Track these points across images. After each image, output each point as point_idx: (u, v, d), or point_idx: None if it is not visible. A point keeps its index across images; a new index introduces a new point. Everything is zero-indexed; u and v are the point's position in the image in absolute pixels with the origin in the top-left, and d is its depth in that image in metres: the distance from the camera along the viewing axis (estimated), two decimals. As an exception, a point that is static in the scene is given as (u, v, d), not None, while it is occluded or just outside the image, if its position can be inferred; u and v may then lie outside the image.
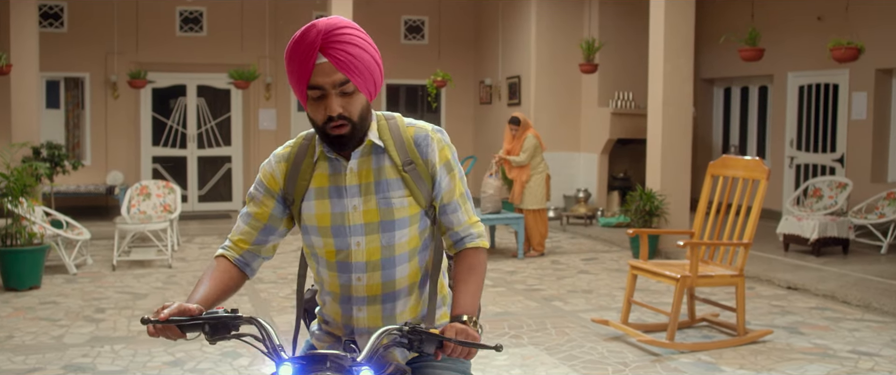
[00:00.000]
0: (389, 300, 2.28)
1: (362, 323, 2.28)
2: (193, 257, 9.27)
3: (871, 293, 7.09)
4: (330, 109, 2.10)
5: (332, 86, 2.10)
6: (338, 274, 2.27)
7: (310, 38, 2.08)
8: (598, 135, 12.52)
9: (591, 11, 12.53)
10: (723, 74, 12.99)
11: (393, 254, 2.24)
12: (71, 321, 6.29)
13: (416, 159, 2.23)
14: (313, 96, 2.12)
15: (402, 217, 2.22)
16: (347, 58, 2.10)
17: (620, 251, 9.86)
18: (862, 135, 10.58)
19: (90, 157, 13.00)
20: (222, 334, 2.03)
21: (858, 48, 8.55)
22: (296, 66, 2.11)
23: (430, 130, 2.27)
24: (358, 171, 2.22)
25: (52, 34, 12.55)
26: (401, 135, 2.25)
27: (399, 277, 2.27)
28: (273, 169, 2.30)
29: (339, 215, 2.22)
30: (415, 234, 2.26)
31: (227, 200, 13.78)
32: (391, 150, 2.23)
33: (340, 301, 2.29)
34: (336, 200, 2.22)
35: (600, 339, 5.81)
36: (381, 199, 2.21)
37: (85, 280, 7.91)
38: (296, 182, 2.25)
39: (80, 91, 12.99)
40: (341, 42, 2.10)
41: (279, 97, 13.71)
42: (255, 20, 13.37)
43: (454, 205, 2.29)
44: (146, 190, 9.66)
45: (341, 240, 2.23)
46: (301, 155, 2.28)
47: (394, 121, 2.28)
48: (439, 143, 2.27)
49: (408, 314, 2.30)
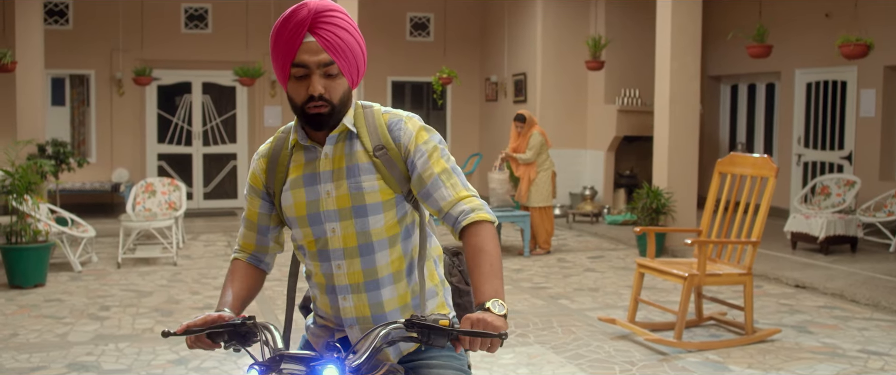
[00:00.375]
0: (373, 288, 2.24)
1: (350, 313, 2.26)
2: (198, 254, 9.26)
3: (880, 292, 7.03)
4: (312, 88, 2.10)
5: (316, 65, 2.10)
6: (320, 264, 2.26)
7: (300, 16, 2.08)
8: (605, 133, 12.47)
9: (597, 8, 12.47)
10: (730, 71, 12.93)
11: (370, 240, 2.21)
12: (75, 319, 6.27)
13: (389, 144, 2.21)
14: (296, 74, 2.12)
15: (374, 202, 2.20)
16: (335, 39, 2.10)
17: (627, 249, 9.82)
18: (870, 133, 10.51)
19: (95, 155, 12.99)
20: (242, 343, 2.02)
21: (867, 45, 8.48)
22: (282, 43, 2.11)
23: (404, 115, 2.25)
24: (332, 157, 2.21)
25: (58, 31, 12.54)
26: (374, 121, 2.24)
27: (380, 264, 2.23)
28: (255, 166, 2.32)
29: (313, 202, 2.21)
30: (392, 221, 2.23)
31: (233, 197, 13.76)
32: (363, 136, 2.21)
33: (326, 291, 2.28)
34: (310, 187, 2.22)
35: (607, 338, 5.77)
36: (352, 184, 2.19)
37: (90, 277, 7.90)
38: (275, 174, 2.27)
39: (86, 88, 12.98)
40: (330, 23, 2.11)
41: (284, 94, 13.63)
42: (260, 17, 13.34)
43: (435, 183, 2.17)
44: (151, 187, 9.65)
45: (318, 228, 2.22)
46: (278, 147, 2.29)
47: (370, 109, 2.27)
48: (413, 126, 2.23)
49: (396, 302, 2.26)
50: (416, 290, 2.29)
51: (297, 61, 2.10)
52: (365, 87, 13.89)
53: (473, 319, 1.89)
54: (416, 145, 2.20)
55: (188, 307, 6.69)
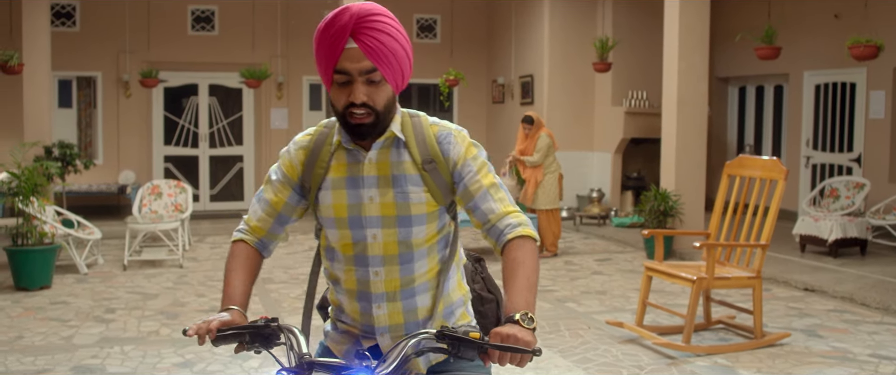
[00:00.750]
0: (409, 296, 2.22)
1: (383, 321, 2.22)
2: (205, 257, 9.24)
3: (890, 295, 6.97)
4: (354, 96, 2.05)
5: (358, 72, 2.05)
6: (354, 269, 2.21)
7: (342, 22, 2.04)
8: (612, 135, 12.42)
9: (604, 9, 12.43)
10: (738, 73, 12.87)
11: (411, 250, 2.18)
12: (81, 321, 6.25)
13: (437, 157, 2.17)
14: (338, 81, 2.08)
15: (419, 213, 2.16)
16: (377, 45, 2.05)
17: (634, 251, 9.77)
18: (880, 135, 10.44)
19: (102, 157, 13.00)
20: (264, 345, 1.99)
21: (878, 46, 8.42)
22: (324, 49, 2.06)
23: (453, 129, 2.21)
24: (376, 163, 2.17)
25: (65, 33, 12.55)
26: (423, 133, 2.19)
27: (418, 273, 2.21)
28: (292, 155, 2.25)
29: (355, 206, 2.17)
30: (433, 231, 2.21)
31: (239, 199, 13.75)
32: (412, 147, 2.17)
33: (357, 297, 2.23)
34: (352, 191, 2.17)
35: (615, 341, 5.73)
36: (398, 193, 2.15)
37: (96, 279, 7.89)
38: (313, 170, 2.21)
39: (93, 90, 12.99)
40: (373, 28, 2.06)
41: (291, 96, 13.67)
42: (267, 19, 13.34)
43: (483, 195, 2.16)
44: (158, 189, 9.64)
45: (358, 232, 2.18)
46: (320, 143, 2.23)
47: (418, 119, 2.23)
48: (462, 140, 2.20)
49: (429, 310, 2.23)
50: (448, 299, 2.27)
51: (338, 68, 2.06)
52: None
53: (504, 334, 1.84)
54: (465, 159, 2.17)
55: (194, 309, 6.67)
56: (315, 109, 13.96)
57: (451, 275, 2.28)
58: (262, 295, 7.19)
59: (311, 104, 13.94)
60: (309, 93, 13.88)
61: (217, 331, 1.95)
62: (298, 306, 6.78)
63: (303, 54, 13.52)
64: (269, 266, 8.65)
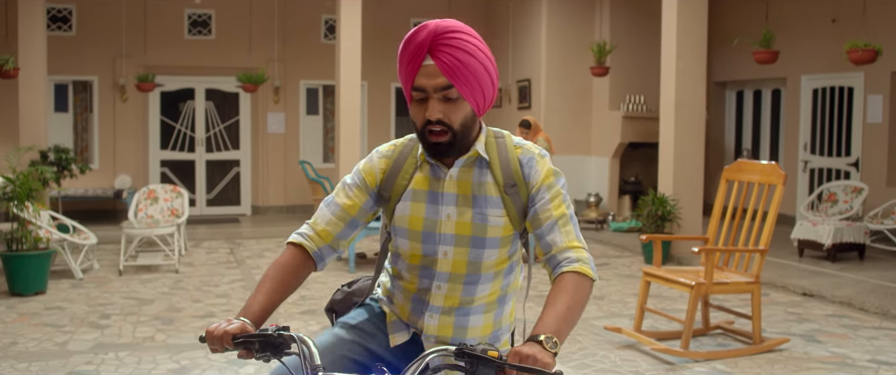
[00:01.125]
0: (464, 314, 2.23)
1: (431, 330, 2.24)
2: (201, 262, 9.20)
3: (889, 300, 6.95)
4: (429, 112, 2.06)
5: (433, 89, 2.05)
6: (418, 278, 2.23)
7: (419, 39, 2.05)
8: (610, 139, 12.40)
9: (602, 14, 12.42)
10: (735, 77, 12.86)
11: (478, 271, 2.19)
12: (75, 327, 6.21)
13: (519, 181, 2.17)
14: (416, 97, 2.09)
15: (494, 236, 2.17)
16: (454, 62, 2.04)
17: (632, 256, 9.74)
18: (877, 139, 10.43)
19: (98, 161, 12.95)
20: (274, 354, 1.96)
21: (876, 50, 8.41)
22: (404, 65, 2.09)
23: (536, 153, 2.21)
24: (458, 180, 2.17)
25: (61, 37, 12.51)
26: (507, 155, 2.20)
27: (479, 295, 2.22)
28: (374, 164, 2.27)
29: (431, 221, 2.17)
30: (504, 256, 2.22)
31: (236, 204, 13.71)
32: (495, 168, 2.17)
33: (413, 300, 2.25)
34: (431, 206, 2.18)
35: (613, 347, 5.70)
36: (476, 214, 2.16)
37: (91, 285, 7.84)
38: (395, 181, 2.22)
39: (89, 94, 12.95)
40: (450, 46, 2.05)
41: (288, 101, 13.64)
42: (264, 23, 13.31)
43: (550, 226, 2.13)
44: (154, 194, 9.60)
45: (430, 247, 2.18)
46: (405, 155, 2.25)
47: (503, 140, 2.23)
48: (544, 166, 2.19)
49: (479, 331, 2.25)
50: (499, 324, 2.29)
51: (415, 85, 2.07)
52: (369, 94, 13.85)
53: (523, 353, 1.80)
54: (542, 185, 2.17)
55: (189, 315, 6.63)
56: (312, 114, 13.92)
57: (508, 301, 2.30)
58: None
59: (308, 109, 13.90)
60: (306, 97, 13.84)
61: (233, 338, 1.95)
62: (294, 311, 6.74)
63: (300, 58, 13.50)
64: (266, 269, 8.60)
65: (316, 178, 12.39)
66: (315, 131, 13.97)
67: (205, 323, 6.32)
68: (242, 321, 2.02)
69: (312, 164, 13.03)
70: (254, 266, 8.95)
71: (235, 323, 1.99)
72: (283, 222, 12.55)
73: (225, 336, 1.95)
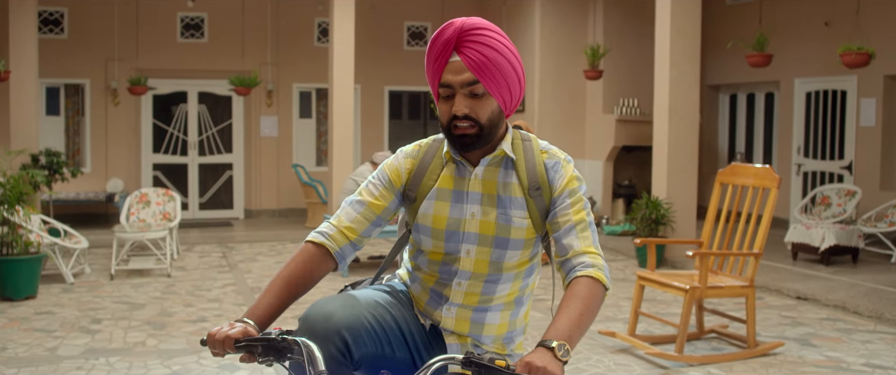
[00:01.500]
0: (482, 311, 2.23)
1: (448, 324, 2.24)
2: (193, 266, 9.15)
3: (883, 303, 6.94)
4: (456, 108, 2.08)
5: (460, 85, 2.07)
6: (438, 274, 2.23)
7: (446, 35, 2.07)
8: (603, 142, 12.39)
9: (595, 17, 12.41)
10: (728, 80, 12.86)
11: (500, 271, 2.20)
12: (66, 332, 6.16)
13: (544, 184, 2.18)
14: (443, 94, 2.11)
15: (517, 238, 2.17)
16: (480, 58, 2.06)
17: (626, 259, 9.73)
18: (871, 142, 10.44)
19: (90, 165, 12.89)
20: (278, 358, 1.93)
21: (869, 53, 8.42)
22: (431, 62, 2.11)
23: (562, 158, 2.22)
24: (483, 179, 2.18)
25: (53, 40, 12.46)
26: (533, 158, 2.21)
27: (498, 294, 2.22)
28: (400, 163, 2.27)
29: (455, 220, 2.18)
30: (526, 258, 2.23)
31: (229, 208, 13.66)
32: (521, 170, 2.19)
33: (431, 293, 2.25)
34: (455, 204, 2.19)
35: (607, 351, 5.68)
36: (501, 214, 2.16)
37: (82, 289, 7.79)
38: (422, 180, 2.23)
39: (81, 97, 12.89)
40: (476, 42, 2.07)
41: (281, 104, 13.60)
42: (257, 26, 13.27)
43: (568, 229, 2.15)
44: (146, 197, 9.55)
45: (453, 245, 2.18)
46: (430, 154, 2.26)
47: (529, 143, 2.24)
48: (568, 171, 2.21)
49: (495, 329, 2.25)
50: (514, 325, 2.29)
51: (442, 81, 2.09)
52: (363, 97, 13.82)
53: (534, 365, 1.79)
54: (565, 190, 2.18)
55: (181, 320, 6.58)
56: (305, 117, 13.88)
57: (525, 302, 2.31)
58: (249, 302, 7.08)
59: (302, 112, 13.86)
60: (299, 100, 13.81)
61: (235, 342, 1.92)
62: (287, 316, 6.69)
63: (293, 62, 13.46)
64: (259, 274, 8.58)
65: (309, 182, 12.35)
66: (308, 135, 13.93)
67: (197, 328, 6.28)
68: (245, 323, 1.99)
69: (305, 168, 12.99)
70: (246, 270, 8.91)
71: (238, 326, 1.96)
72: (275, 226, 12.51)
73: (227, 340, 1.92)
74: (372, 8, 13.11)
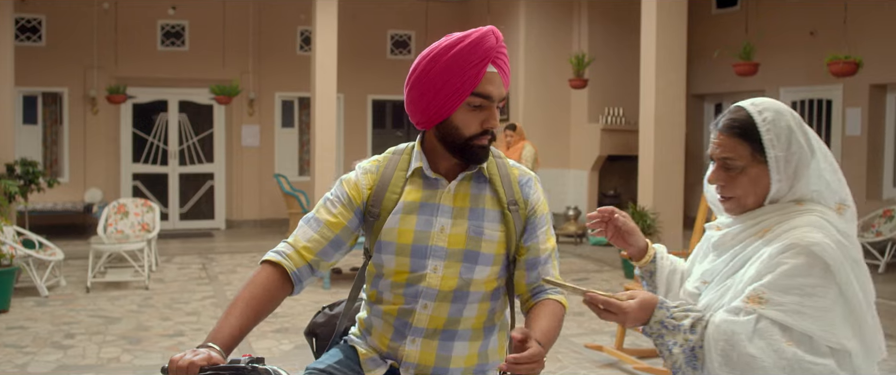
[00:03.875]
0: (448, 338, 2.10)
1: (412, 357, 2.10)
2: (171, 278, 8.96)
3: (872, 315, 6.85)
4: (491, 121, 2.01)
5: (499, 98, 2.02)
6: (402, 297, 2.09)
7: (488, 43, 1.99)
8: (589, 152, 12.30)
9: (580, 26, 12.34)
10: (713, 90, 12.82)
11: (468, 289, 2.08)
12: (38, 347, 5.97)
13: (520, 201, 2.13)
14: (474, 103, 2.00)
15: (488, 252, 2.08)
16: (508, 73, 2.06)
17: (612, 270, 9.62)
18: (856, 152, 10.40)
19: (68, 174, 12.68)
20: None
21: (857, 63, 8.37)
22: (465, 70, 1.97)
23: (532, 175, 2.21)
24: (454, 193, 2.10)
25: (30, 48, 12.25)
26: (507, 173, 2.16)
27: (466, 316, 2.10)
28: (358, 179, 2.15)
29: (422, 234, 2.07)
30: (494, 276, 2.12)
31: (209, 218, 13.47)
32: (498, 185, 2.12)
33: (395, 324, 2.10)
34: (423, 217, 2.08)
35: (594, 366, 5.55)
36: (472, 226, 2.07)
37: (56, 302, 7.59)
38: (385, 195, 2.11)
39: (59, 106, 12.69)
40: (505, 54, 2.05)
41: (263, 113, 13.44)
42: (238, 34, 13.12)
43: (546, 258, 2.17)
44: (124, 208, 9.36)
45: (419, 262, 2.07)
46: (391, 168, 2.15)
47: (501, 159, 2.20)
48: (539, 190, 2.19)
49: (462, 361, 2.12)
50: (485, 357, 2.17)
51: (480, 92, 1.99)
52: (346, 106, 13.68)
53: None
54: (541, 213, 2.17)
55: (157, 334, 6.41)
56: (287, 126, 13.73)
57: (495, 333, 2.19)
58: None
59: (284, 121, 13.71)
60: (281, 110, 13.65)
61: (200, 370, 1.76)
62: (267, 330, 6.54)
63: (275, 70, 13.31)
64: (239, 286, 8.40)
65: (291, 192, 12.19)
66: (290, 144, 13.78)
67: (173, 343, 6.11)
68: (210, 348, 1.84)
69: (288, 178, 12.83)
70: (226, 281, 8.74)
71: (202, 353, 1.80)
72: (257, 236, 12.34)
73: (191, 368, 1.76)
74: (355, 17, 12.98)
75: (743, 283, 1.85)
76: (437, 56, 2.01)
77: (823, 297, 1.77)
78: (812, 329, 1.76)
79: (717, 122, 1.99)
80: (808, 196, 1.94)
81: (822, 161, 1.95)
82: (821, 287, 1.78)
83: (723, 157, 1.96)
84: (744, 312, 1.80)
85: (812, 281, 1.77)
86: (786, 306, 1.77)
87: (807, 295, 1.77)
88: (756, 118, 1.93)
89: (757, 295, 1.79)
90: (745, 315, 1.79)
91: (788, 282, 1.77)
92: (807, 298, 1.77)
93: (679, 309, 1.87)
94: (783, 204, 1.93)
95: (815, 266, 1.78)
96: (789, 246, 1.80)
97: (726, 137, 1.95)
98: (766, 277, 1.80)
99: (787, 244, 1.80)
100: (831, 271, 1.78)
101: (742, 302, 1.81)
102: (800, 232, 1.82)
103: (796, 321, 1.76)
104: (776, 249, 1.81)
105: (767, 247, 1.85)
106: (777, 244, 1.82)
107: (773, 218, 1.91)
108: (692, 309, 1.87)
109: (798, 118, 1.95)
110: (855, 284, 1.81)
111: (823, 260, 1.78)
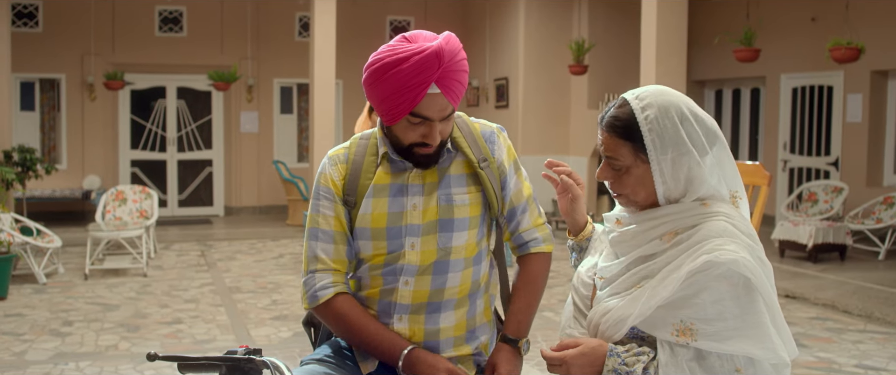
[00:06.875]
0: (433, 310, 2.09)
1: (402, 335, 2.10)
2: (170, 265, 8.94)
3: (872, 302, 6.84)
4: (431, 138, 1.97)
5: (440, 118, 1.97)
6: (382, 278, 2.10)
7: (432, 69, 1.90)
8: (588, 138, 12.26)
9: (580, 11, 12.27)
10: (714, 76, 12.76)
11: (447, 258, 2.07)
12: (35, 335, 5.96)
13: (488, 156, 2.13)
14: (414, 121, 1.96)
15: (462, 217, 2.07)
16: (458, 87, 1.97)
17: (612, 257, 9.59)
18: (857, 138, 10.36)
19: (66, 161, 12.64)
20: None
21: (859, 48, 8.32)
22: (403, 91, 1.91)
23: (495, 128, 2.18)
24: (423, 172, 2.08)
25: (27, 34, 12.19)
26: (470, 132, 2.15)
27: (449, 286, 2.09)
28: (330, 172, 2.14)
29: (396, 215, 2.07)
30: (473, 241, 2.11)
31: (208, 205, 13.44)
32: (465, 148, 2.11)
33: (379, 307, 2.11)
34: (395, 199, 2.07)
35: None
36: (442, 196, 2.07)
37: (54, 290, 7.57)
38: (358, 182, 2.10)
39: (56, 93, 12.63)
40: (457, 71, 1.95)
41: (261, 99, 13.39)
42: (236, 20, 13.05)
43: (523, 206, 2.19)
44: (122, 195, 9.33)
45: (395, 242, 2.07)
46: (361, 153, 2.13)
47: (461, 119, 2.17)
48: (504, 140, 2.18)
49: (452, 330, 2.12)
50: (473, 323, 2.17)
51: (418, 113, 1.94)
52: (344, 92, 13.63)
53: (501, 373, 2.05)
54: (510, 164, 2.17)
55: (155, 321, 6.39)
56: (286, 112, 13.68)
57: (480, 297, 2.19)
58: (227, 306, 6.92)
59: (282, 107, 13.66)
60: (280, 96, 13.60)
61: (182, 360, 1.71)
62: (265, 317, 6.52)
63: (273, 56, 13.25)
64: (237, 274, 8.38)
65: (290, 178, 12.16)
66: (289, 130, 13.73)
67: (172, 330, 6.09)
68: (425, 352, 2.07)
69: (286, 164, 12.79)
70: (225, 269, 8.71)
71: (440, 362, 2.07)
72: (256, 223, 12.31)
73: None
74: (354, 2, 12.91)
75: (657, 299, 1.73)
76: (378, 70, 1.94)
77: (753, 314, 1.70)
78: (751, 350, 1.69)
79: (601, 117, 1.88)
80: (709, 193, 1.82)
81: (719, 154, 1.82)
82: (748, 304, 1.70)
83: (607, 156, 1.87)
84: (678, 346, 1.72)
85: (740, 303, 1.70)
86: (720, 334, 1.69)
87: (736, 316, 1.69)
88: (638, 116, 1.80)
89: (686, 328, 1.71)
90: (681, 348, 1.72)
91: (717, 309, 1.69)
92: (737, 320, 1.70)
93: (629, 353, 1.77)
94: (687, 204, 1.80)
95: (737, 284, 1.70)
96: (707, 265, 1.69)
97: (608, 136, 1.84)
98: (692, 303, 1.71)
99: (705, 261, 1.69)
100: (753, 285, 1.70)
101: (674, 337, 1.72)
102: (713, 245, 1.71)
103: (734, 346, 1.69)
104: (694, 267, 1.70)
105: (681, 257, 1.74)
106: (692, 261, 1.71)
107: (678, 221, 1.79)
108: (642, 352, 1.77)
109: (691, 108, 1.81)
110: (769, 288, 1.75)
111: (744, 276, 1.69)
